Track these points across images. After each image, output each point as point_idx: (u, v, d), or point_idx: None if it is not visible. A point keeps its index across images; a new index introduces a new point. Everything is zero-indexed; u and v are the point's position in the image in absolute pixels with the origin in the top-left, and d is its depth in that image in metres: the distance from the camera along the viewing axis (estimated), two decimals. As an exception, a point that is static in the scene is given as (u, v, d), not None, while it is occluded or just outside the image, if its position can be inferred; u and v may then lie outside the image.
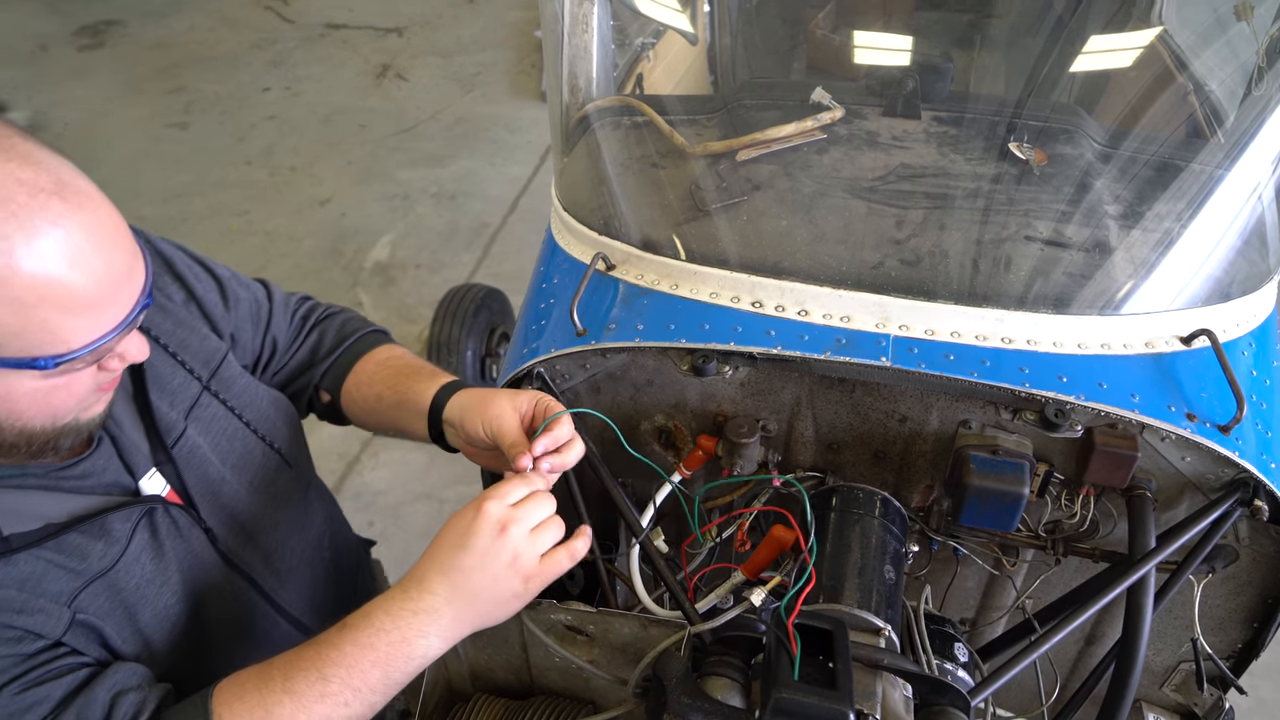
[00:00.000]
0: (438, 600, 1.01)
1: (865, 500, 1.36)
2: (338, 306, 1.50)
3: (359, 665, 0.98)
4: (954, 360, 1.31)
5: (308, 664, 0.98)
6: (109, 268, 0.89)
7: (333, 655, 0.98)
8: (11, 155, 0.83)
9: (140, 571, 1.09)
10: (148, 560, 1.10)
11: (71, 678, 0.98)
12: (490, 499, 1.06)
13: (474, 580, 1.02)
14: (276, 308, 1.40)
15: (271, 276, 1.50)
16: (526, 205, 4.86)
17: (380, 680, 0.98)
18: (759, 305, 1.40)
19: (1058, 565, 1.46)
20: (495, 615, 1.05)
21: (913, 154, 1.75)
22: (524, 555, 1.04)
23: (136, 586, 1.08)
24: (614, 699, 1.27)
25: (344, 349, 1.41)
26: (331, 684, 0.97)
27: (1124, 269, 1.49)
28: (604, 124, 1.86)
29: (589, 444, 1.42)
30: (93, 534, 1.04)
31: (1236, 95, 1.82)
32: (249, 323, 1.34)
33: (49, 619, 0.98)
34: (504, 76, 6.13)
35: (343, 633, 1.00)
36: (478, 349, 3.30)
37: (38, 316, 0.84)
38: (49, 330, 0.86)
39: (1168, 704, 1.61)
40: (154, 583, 1.11)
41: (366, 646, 0.98)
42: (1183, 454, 1.29)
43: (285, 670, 0.98)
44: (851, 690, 0.93)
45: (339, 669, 0.97)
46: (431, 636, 1.00)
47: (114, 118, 5.71)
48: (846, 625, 1.01)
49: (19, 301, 0.83)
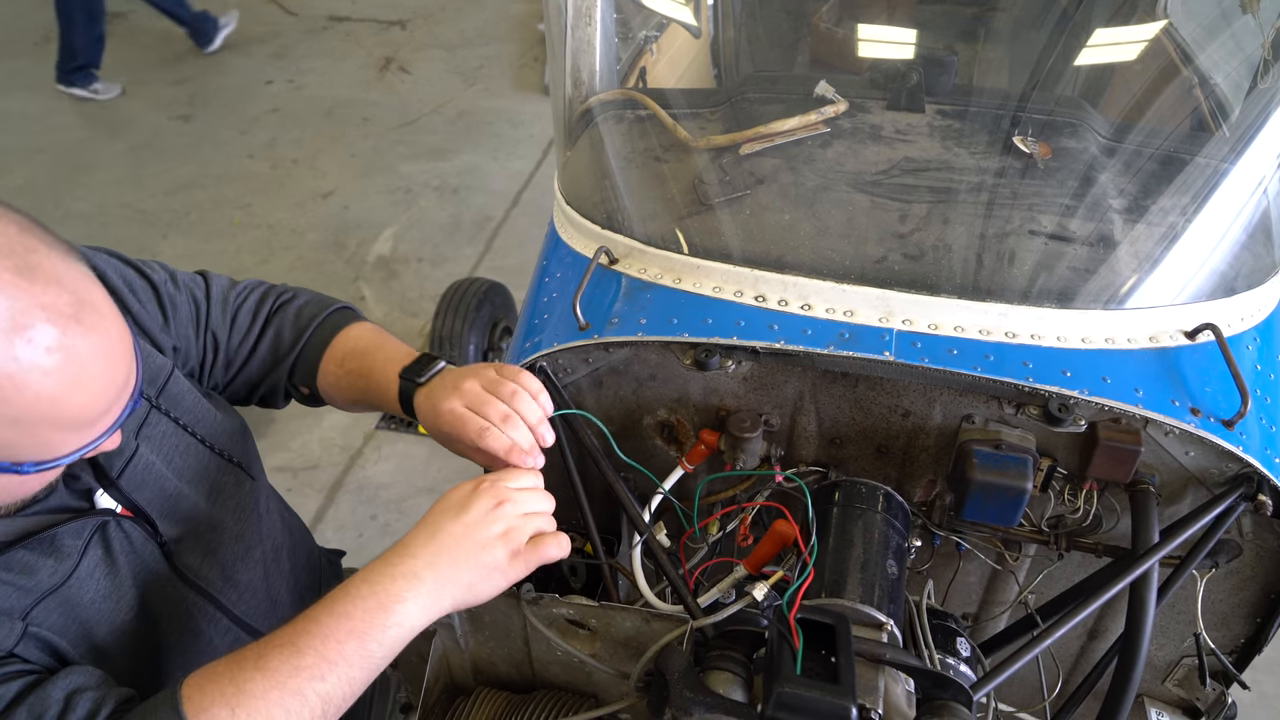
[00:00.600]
0: (419, 564, 0.98)
1: (868, 495, 1.36)
2: (288, 289, 1.43)
3: (334, 635, 0.93)
4: (957, 355, 1.31)
5: (283, 640, 0.94)
6: (110, 386, 0.91)
7: (308, 627, 0.94)
8: (36, 276, 0.84)
9: (95, 587, 1.08)
10: (101, 576, 1.09)
11: (24, 681, 0.95)
12: (491, 478, 1.07)
13: (461, 546, 1.00)
14: (214, 305, 1.34)
15: (274, 269, 1.49)
16: (529, 199, 4.85)
17: (357, 651, 0.94)
18: (762, 299, 1.40)
19: (1060, 560, 1.46)
20: (478, 588, 1.02)
21: (916, 148, 1.74)
22: (515, 531, 1.03)
23: (91, 602, 1.07)
24: (616, 693, 1.27)
25: (306, 341, 1.36)
26: (305, 656, 0.92)
27: (1128, 263, 1.49)
28: (607, 118, 1.85)
29: (590, 440, 1.43)
30: (42, 550, 1.03)
31: (1242, 88, 1.81)
32: (189, 327, 1.30)
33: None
34: (507, 70, 6.12)
35: (320, 605, 0.97)
36: (480, 343, 3.30)
37: (36, 433, 0.87)
38: (43, 443, 0.88)
39: (1170, 699, 1.61)
40: (109, 599, 1.09)
41: (342, 615, 0.95)
42: (1186, 449, 1.29)
43: (260, 649, 0.94)
44: (854, 684, 0.93)
45: (313, 640, 0.93)
46: (409, 602, 0.96)
47: (117, 110, 5.71)
48: (849, 620, 1.01)
49: (20, 421, 0.84)
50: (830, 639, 0.98)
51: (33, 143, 5.37)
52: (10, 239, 0.84)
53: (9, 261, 0.82)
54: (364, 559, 1.66)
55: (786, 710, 0.92)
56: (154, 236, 4.62)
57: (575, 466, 1.41)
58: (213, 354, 1.33)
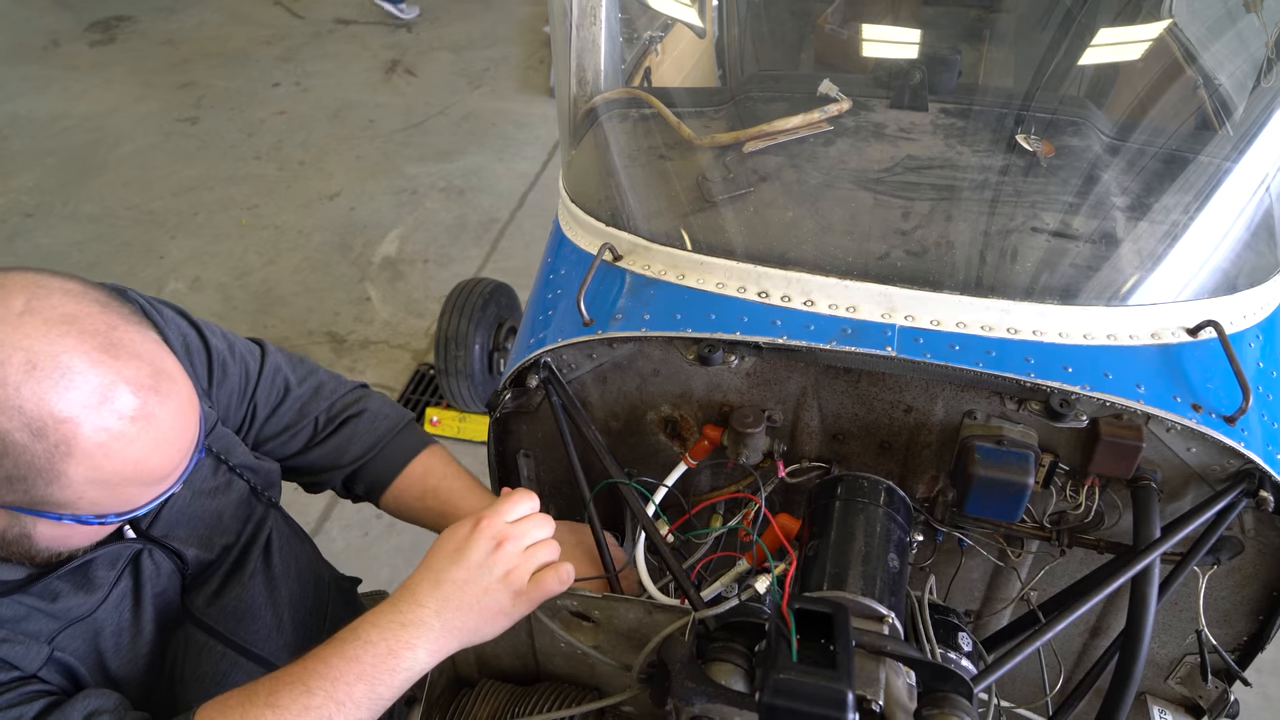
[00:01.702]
0: (426, 613, 1.03)
1: (870, 489, 1.36)
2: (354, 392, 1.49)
3: (344, 678, 0.98)
4: (959, 350, 1.31)
5: (293, 678, 0.99)
6: (182, 444, 1.00)
7: (318, 668, 0.99)
8: (119, 352, 0.92)
9: (118, 619, 1.13)
10: (126, 610, 1.14)
11: (45, 701, 0.99)
12: (488, 515, 1.09)
13: (465, 593, 1.04)
14: (264, 380, 1.39)
15: (280, 270, 1.51)
16: (535, 200, 4.86)
17: (365, 695, 0.98)
18: (765, 295, 1.41)
19: (1062, 556, 1.46)
20: (483, 630, 1.06)
21: (919, 146, 1.75)
22: (516, 571, 1.07)
23: (111, 634, 1.12)
24: (619, 684, 1.28)
25: (378, 456, 1.44)
26: (315, 696, 0.97)
27: (1131, 260, 1.49)
28: (611, 116, 1.86)
29: (594, 433, 1.44)
30: (75, 581, 1.08)
31: (1246, 87, 1.81)
32: (234, 396, 1.35)
33: (28, 652, 1.02)
34: (513, 72, 6.14)
35: (330, 646, 1.01)
36: (485, 343, 3.31)
37: (120, 491, 0.96)
38: (124, 499, 0.98)
39: (1172, 696, 1.61)
40: (128, 632, 1.14)
41: (352, 659, 0.99)
42: (1188, 445, 1.29)
43: (271, 685, 0.99)
44: (852, 670, 0.94)
45: (324, 681, 0.98)
46: (419, 649, 1.01)
47: (125, 113, 5.74)
48: (847, 609, 1.01)
49: (108, 482, 0.94)
50: (828, 628, 0.99)
51: (42, 145, 5.40)
52: (95, 319, 0.92)
53: (96, 341, 0.91)
54: (368, 558, 1.67)
55: (783, 696, 0.93)
56: (162, 238, 4.64)
57: (579, 461, 1.42)
58: (249, 423, 1.39)
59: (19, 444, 0.87)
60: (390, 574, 2.95)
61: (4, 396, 0.86)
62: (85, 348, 0.90)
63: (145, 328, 0.97)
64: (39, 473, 0.89)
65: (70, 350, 0.89)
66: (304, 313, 4.14)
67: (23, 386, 0.86)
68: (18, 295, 0.89)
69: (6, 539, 0.98)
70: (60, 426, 0.88)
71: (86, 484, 0.92)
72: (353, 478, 1.45)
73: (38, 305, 0.89)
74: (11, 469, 0.88)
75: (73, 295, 0.93)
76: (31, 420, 0.87)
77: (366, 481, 1.45)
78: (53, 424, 0.87)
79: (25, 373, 0.86)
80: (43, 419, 0.87)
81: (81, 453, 0.89)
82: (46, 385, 0.87)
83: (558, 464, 1.66)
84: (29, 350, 0.87)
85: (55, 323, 0.89)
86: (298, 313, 4.13)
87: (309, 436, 1.43)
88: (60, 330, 0.89)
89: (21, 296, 0.89)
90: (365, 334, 4.04)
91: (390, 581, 1.11)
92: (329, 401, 1.45)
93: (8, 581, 1.03)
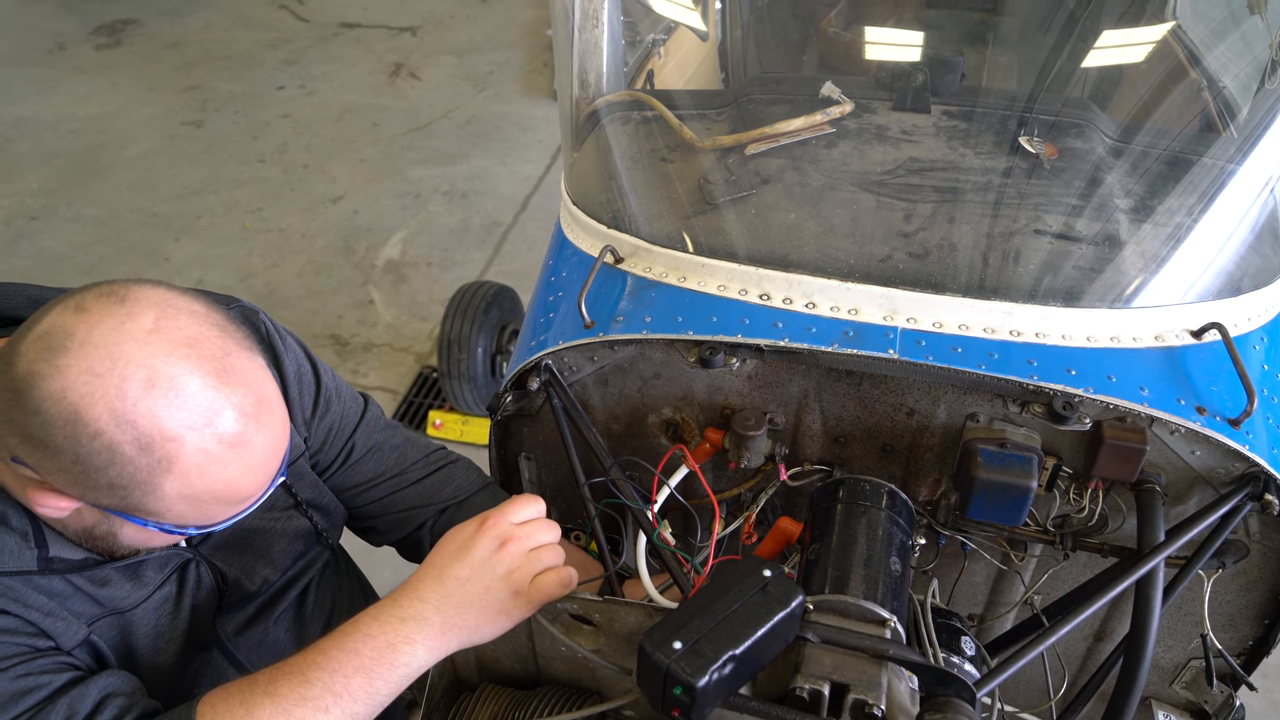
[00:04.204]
0: (427, 608, 1.03)
1: (872, 492, 1.35)
2: (441, 448, 1.53)
3: (342, 670, 0.99)
4: (962, 353, 1.31)
5: (293, 669, 1.00)
6: (269, 470, 1.04)
7: (317, 660, 1.00)
8: (230, 378, 0.96)
9: (154, 623, 1.16)
10: (164, 614, 1.17)
11: (71, 674, 1.03)
12: (494, 515, 1.10)
13: (467, 590, 1.05)
14: (365, 424, 1.43)
15: (284, 273, 1.52)
16: (538, 204, 4.86)
17: (363, 687, 0.99)
18: (766, 298, 1.40)
19: (1066, 560, 1.45)
20: (483, 630, 1.06)
21: (922, 148, 1.74)
22: (519, 571, 1.07)
23: (144, 636, 1.15)
24: (620, 688, 1.27)
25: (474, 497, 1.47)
26: (313, 687, 0.98)
27: (1134, 262, 1.48)
28: (613, 118, 1.86)
29: (596, 436, 1.43)
30: (126, 573, 1.12)
31: (1249, 89, 1.81)
32: (334, 434, 1.39)
33: (68, 629, 1.06)
34: (517, 75, 6.14)
35: (331, 639, 1.02)
36: (488, 346, 3.31)
37: (206, 508, 1.01)
38: (208, 515, 1.02)
39: (1177, 701, 1.60)
40: (162, 636, 1.17)
41: (351, 651, 1.00)
42: (1192, 448, 1.28)
43: (271, 675, 1.00)
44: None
45: (322, 672, 0.99)
46: (417, 645, 1.02)
47: (130, 115, 5.75)
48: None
49: (197, 498, 0.98)
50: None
51: (47, 148, 5.41)
52: (214, 344, 0.96)
53: (211, 365, 0.95)
54: (372, 559, 1.67)
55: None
56: (166, 240, 4.65)
57: (580, 464, 1.41)
58: (342, 463, 1.42)
59: (126, 456, 0.91)
60: (393, 575, 2.92)
61: (122, 409, 0.90)
62: (201, 371, 0.94)
63: (255, 354, 1.02)
64: (139, 484, 0.94)
65: (188, 373, 0.93)
66: (308, 315, 4.14)
67: (140, 402, 0.90)
68: (149, 312, 0.93)
69: (95, 534, 1.04)
70: (166, 444, 0.92)
71: (178, 498, 0.96)
72: (442, 515, 1.46)
73: (165, 325, 0.94)
74: (115, 477, 0.93)
75: (197, 318, 0.97)
76: (142, 435, 0.91)
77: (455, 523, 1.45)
78: (160, 441, 0.92)
79: (145, 389, 0.90)
80: (152, 435, 0.91)
81: (180, 470, 0.94)
82: (161, 404, 0.91)
83: (559, 467, 1.65)
84: (151, 369, 0.91)
85: (179, 344, 0.93)
86: (301, 316, 4.14)
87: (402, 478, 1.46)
88: (183, 352, 0.93)
89: (152, 314, 0.93)
90: (368, 337, 4.05)
91: (393, 583, 1.12)
92: (421, 451, 1.50)
93: (66, 560, 1.07)
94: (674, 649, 0.92)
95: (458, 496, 1.47)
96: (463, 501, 1.47)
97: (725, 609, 0.96)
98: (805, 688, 1.00)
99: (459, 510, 1.46)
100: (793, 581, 1.00)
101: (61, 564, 1.06)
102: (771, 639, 0.97)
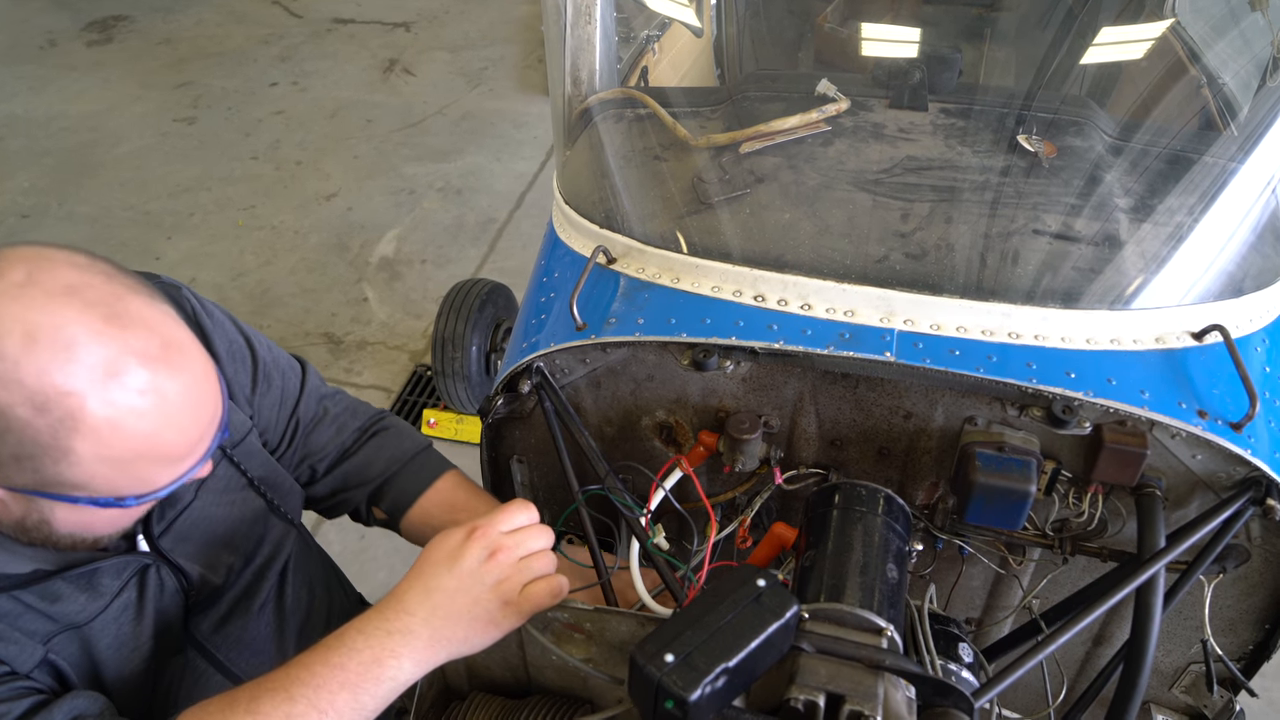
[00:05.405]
0: (414, 621, 1.00)
1: (868, 497, 1.33)
2: (379, 412, 1.49)
3: (327, 685, 0.95)
4: (959, 355, 1.29)
5: (275, 685, 0.96)
6: (199, 420, 0.97)
7: (302, 675, 0.96)
8: (125, 322, 0.89)
9: (116, 632, 1.10)
10: (126, 622, 1.11)
11: (33, 699, 0.97)
12: (483, 523, 1.06)
13: (455, 602, 1.02)
14: (307, 396, 1.39)
15: (277, 271, 1.50)
16: (533, 201, 4.84)
17: (349, 704, 0.96)
18: (761, 299, 1.38)
19: (1065, 565, 1.43)
20: (471, 641, 1.04)
21: (919, 146, 1.72)
22: (508, 581, 1.04)
23: (108, 647, 1.09)
24: (611, 698, 1.25)
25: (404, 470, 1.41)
26: (297, 704, 0.94)
27: (1134, 263, 1.46)
28: (606, 116, 1.84)
29: (588, 439, 1.41)
30: (79, 584, 1.06)
31: (1250, 87, 1.79)
32: (275, 407, 1.34)
33: (22, 651, 1.00)
34: (511, 72, 6.11)
35: (315, 653, 0.99)
36: (482, 344, 3.29)
37: (134, 470, 0.93)
38: (140, 478, 0.95)
39: (1177, 705, 1.59)
40: (126, 646, 1.12)
41: (336, 666, 0.96)
42: (1193, 451, 1.26)
43: (253, 691, 0.96)
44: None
45: (306, 689, 0.95)
46: (404, 659, 0.99)
47: (122, 113, 5.71)
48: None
49: (120, 460, 0.91)
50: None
51: (38, 145, 5.38)
52: (99, 289, 0.89)
53: (100, 310, 0.87)
54: (367, 559, 1.66)
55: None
56: (158, 238, 4.62)
57: (572, 467, 1.39)
58: (290, 439, 1.37)
59: (21, 419, 0.85)
60: (387, 575, 2.93)
61: (3, 371, 0.83)
62: (88, 319, 0.86)
63: (156, 299, 0.94)
64: (45, 450, 0.87)
65: (72, 321, 0.86)
66: (301, 313, 4.11)
67: (22, 360, 0.83)
68: (19, 267, 0.86)
69: (27, 526, 0.97)
70: (64, 400, 0.85)
71: (97, 461, 0.89)
72: (378, 493, 1.42)
73: (40, 277, 0.86)
74: (16, 447, 0.86)
75: (77, 267, 0.89)
76: (33, 394, 0.84)
77: (392, 497, 1.41)
78: (56, 398, 0.85)
79: (25, 346, 0.83)
80: (45, 393, 0.84)
81: (88, 428, 0.87)
82: (47, 358, 0.84)
83: (551, 470, 1.63)
84: (28, 323, 0.84)
85: (56, 294, 0.86)
86: (294, 313, 4.11)
87: (341, 451, 1.42)
88: (61, 301, 0.86)
89: (23, 269, 0.86)
90: (362, 335, 4.02)
91: (387, 584, 1.10)
92: (360, 420, 1.44)
93: (10, 575, 1.00)
94: (666, 662, 0.90)
95: (391, 470, 1.41)
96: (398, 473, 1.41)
97: (719, 620, 0.94)
98: (800, 699, 0.98)
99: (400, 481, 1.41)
100: (788, 591, 0.98)
101: (5, 580, 1.00)
102: (766, 650, 0.95)
